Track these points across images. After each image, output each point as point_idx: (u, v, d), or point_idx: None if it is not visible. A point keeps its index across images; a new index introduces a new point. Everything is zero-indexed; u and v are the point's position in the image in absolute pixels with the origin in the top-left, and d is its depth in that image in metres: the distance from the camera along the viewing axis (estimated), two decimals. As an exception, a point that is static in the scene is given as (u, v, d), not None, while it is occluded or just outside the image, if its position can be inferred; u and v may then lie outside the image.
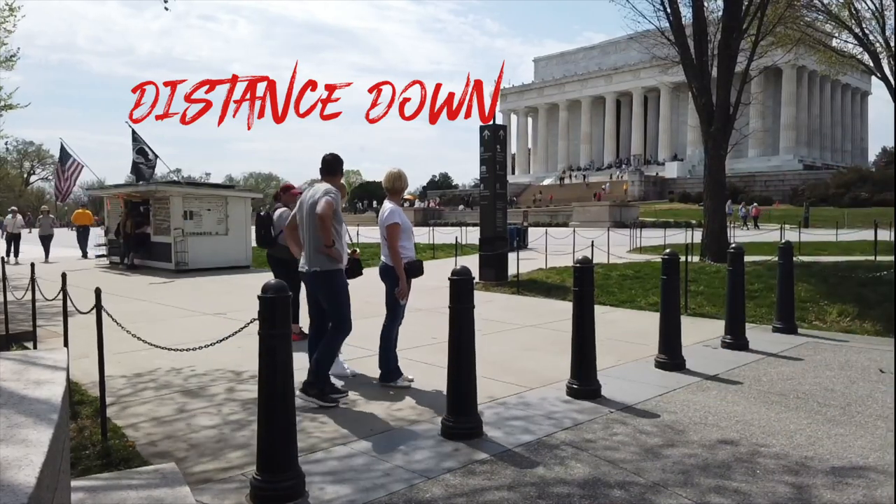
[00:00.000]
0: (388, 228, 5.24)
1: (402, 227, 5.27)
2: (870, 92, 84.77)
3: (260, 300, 3.30)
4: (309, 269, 4.93)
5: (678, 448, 4.01)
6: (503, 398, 5.05)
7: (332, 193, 4.83)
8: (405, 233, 5.33)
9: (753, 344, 6.78)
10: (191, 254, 16.06)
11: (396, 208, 5.37)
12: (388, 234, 5.24)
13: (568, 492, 3.39)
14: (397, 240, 5.22)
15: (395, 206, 5.39)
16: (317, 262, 4.87)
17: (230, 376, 5.76)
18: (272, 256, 7.55)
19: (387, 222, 5.26)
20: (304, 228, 5.00)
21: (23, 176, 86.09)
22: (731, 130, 13.76)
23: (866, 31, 19.23)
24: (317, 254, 4.86)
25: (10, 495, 1.31)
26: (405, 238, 5.33)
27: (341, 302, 4.95)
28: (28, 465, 1.48)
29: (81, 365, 5.68)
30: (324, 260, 4.84)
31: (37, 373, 2.33)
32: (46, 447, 1.59)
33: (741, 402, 4.92)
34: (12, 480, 1.39)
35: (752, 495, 3.34)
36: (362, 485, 3.49)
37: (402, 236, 5.28)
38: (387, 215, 5.30)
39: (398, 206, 5.43)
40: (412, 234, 5.55)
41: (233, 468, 3.72)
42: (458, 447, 4.03)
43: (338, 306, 4.95)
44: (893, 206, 28.27)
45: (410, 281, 5.36)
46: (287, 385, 3.31)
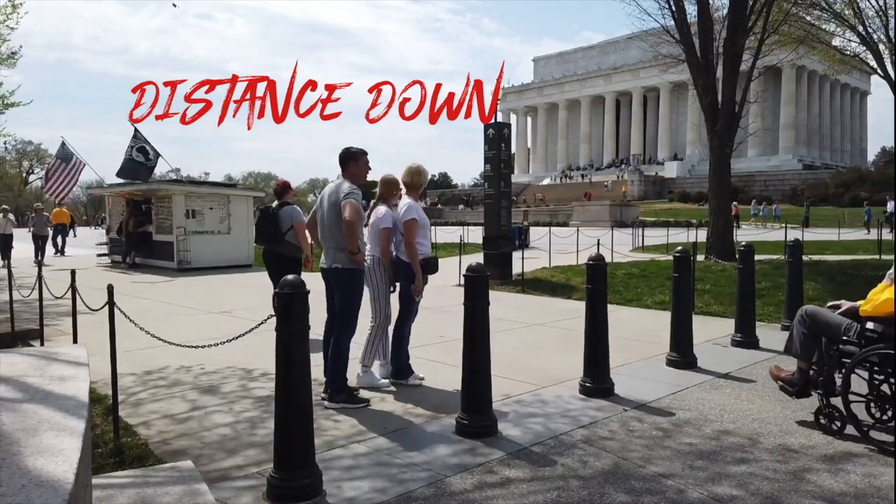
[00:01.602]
0: (407, 224, 5.20)
1: (419, 222, 5.24)
2: (869, 92, 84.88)
3: (277, 297, 3.27)
4: (330, 265, 4.89)
5: (697, 446, 3.98)
6: (516, 396, 5.02)
7: (354, 194, 4.77)
8: (422, 229, 5.30)
9: (763, 342, 6.75)
10: (193, 252, 16.02)
11: (414, 204, 5.34)
12: (406, 230, 5.20)
13: (588, 489, 3.36)
14: (415, 236, 5.19)
15: (413, 201, 5.36)
16: (338, 260, 4.84)
17: (241, 374, 5.72)
18: (271, 252, 7.44)
19: (405, 217, 5.22)
20: (323, 225, 4.95)
21: (22, 175, 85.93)
22: (737, 128, 13.74)
23: (870, 29, 19.21)
24: (338, 252, 4.83)
25: (52, 492, 1.28)
26: (422, 234, 5.30)
27: (354, 303, 4.92)
28: (64, 461, 1.45)
29: (91, 363, 5.62)
30: (345, 258, 4.80)
31: (59, 369, 2.30)
32: (80, 443, 1.56)
33: (756, 400, 4.89)
34: (51, 476, 1.35)
35: (773, 491, 3.31)
36: (379, 483, 3.46)
37: (420, 232, 5.25)
38: (405, 210, 5.26)
39: (416, 202, 5.40)
40: (429, 230, 5.54)
41: (248, 466, 3.69)
42: (474, 445, 3.99)
43: (349, 306, 4.91)
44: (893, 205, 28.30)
45: (426, 277, 5.33)
46: (304, 382, 3.27)
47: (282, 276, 8.20)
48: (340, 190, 4.84)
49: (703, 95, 13.57)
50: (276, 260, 7.40)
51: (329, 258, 4.92)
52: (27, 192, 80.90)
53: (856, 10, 18.82)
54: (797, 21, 17.79)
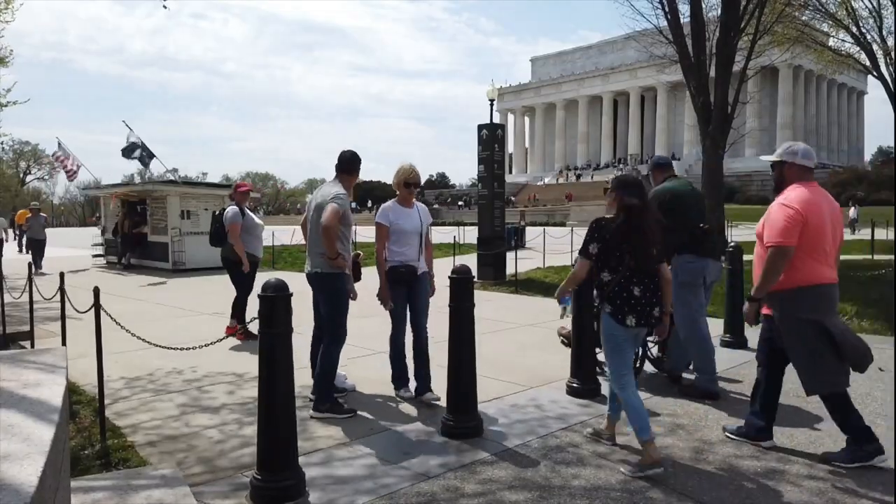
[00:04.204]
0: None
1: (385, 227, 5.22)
2: (866, 91, 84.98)
3: (260, 299, 3.29)
4: (311, 269, 4.79)
5: (679, 447, 4.01)
6: (503, 397, 5.04)
7: (340, 198, 4.63)
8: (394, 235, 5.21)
9: (753, 342, 6.75)
10: (188, 253, 16.02)
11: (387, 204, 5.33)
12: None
13: (570, 491, 3.38)
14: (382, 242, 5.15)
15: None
16: (318, 265, 4.72)
17: (230, 377, 5.73)
18: (223, 256, 7.49)
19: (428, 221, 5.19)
20: (310, 228, 4.86)
21: (19, 176, 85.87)
22: (729, 129, 13.77)
23: (863, 29, 19.27)
24: (318, 257, 4.73)
25: (13, 495, 1.30)
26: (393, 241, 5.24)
27: (339, 308, 4.75)
28: (30, 464, 1.46)
29: (79, 365, 5.66)
30: (325, 263, 4.66)
31: (35, 372, 2.32)
32: (48, 447, 1.58)
33: (741, 401, 4.91)
34: (14, 480, 1.37)
35: (753, 494, 3.33)
36: (363, 485, 3.48)
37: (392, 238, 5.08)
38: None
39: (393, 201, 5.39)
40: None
41: (233, 469, 3.70)
42: (459, 446, 4.02)
43: (334, 312, 4.74)
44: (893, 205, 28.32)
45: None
46: (287, 384, 3.29)
47: (232, 275, 8.19)
48: (329, 193, 4.72)
49: (696, 96, 13.60)
50: (223, 261, 7.54)
51: (311, 263, 4.82)
52: (24, 192, 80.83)
53: (849, 10, 18.88)
54: (791, 21, 17.82)
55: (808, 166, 3.83)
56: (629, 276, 3.70)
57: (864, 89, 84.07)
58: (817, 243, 3.69)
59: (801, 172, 3.82)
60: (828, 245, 3.74)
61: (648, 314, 3.72)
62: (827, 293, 3.75)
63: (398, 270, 4.88)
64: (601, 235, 3.77)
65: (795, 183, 3.80)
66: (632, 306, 3.69)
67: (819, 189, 3.83)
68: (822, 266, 3.72)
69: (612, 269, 3.74)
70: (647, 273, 3.73)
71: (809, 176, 3.82)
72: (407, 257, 4.93)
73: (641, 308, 3.69)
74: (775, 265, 3.68)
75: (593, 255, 3.79)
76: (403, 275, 4.89)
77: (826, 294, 3.75)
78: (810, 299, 3.70)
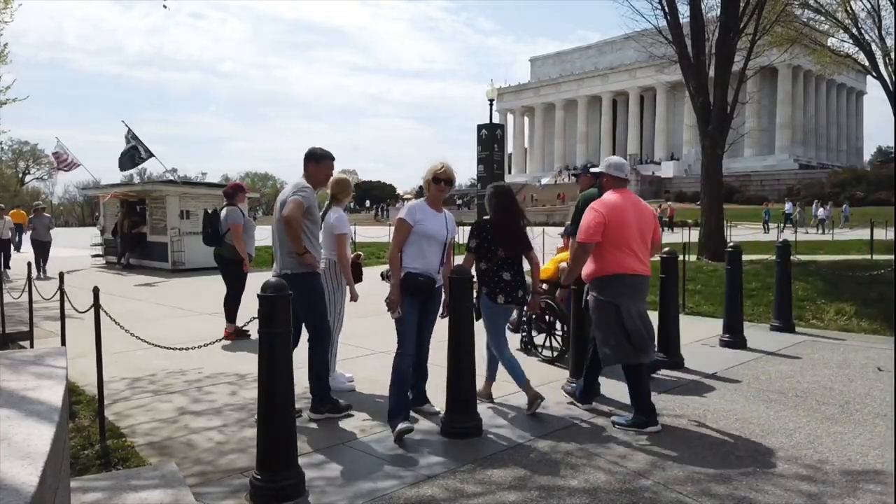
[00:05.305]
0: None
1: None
2: (865, 92, 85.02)
3: (259, 299, 3.29)
4: (280, 272, 4.47)
5: (678, 447, 4.01)
6: (502, 397, 5.04)
7: (304, 191, 4.43)
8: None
9: (751, 342, 6.79)
10: (187, 253, 16.02)
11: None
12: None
13: (570, 490, 3.39)
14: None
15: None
16: (287, 265, 4.47)
17: (231, 376, 5.74)
18: (218, 255, 7.54)
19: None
20: (274, 227, 4.60)
21: (18, 176, 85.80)
22: (728, 129, 13.79)
23: (862, 30, 19.29)
24: (286, 256, 4.49)
25: (13, 495, 1.30)
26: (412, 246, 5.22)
27: (315, 308, 4.55)
28: (30, 464, 1.47)
29: (79, 365, 5.65)
30: (293, 262, 4.44)
31: (35, 373, 2.32)
32: (48, 447, 1.58)
33: (740, 401, 4.92)
34: (15, 480, 1.37)
35: (750, 494, 3.34)
36: (363, 485, 3.48)
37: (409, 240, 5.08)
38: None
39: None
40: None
41: (233, 469, 3.71)
42: (459, 446, 4.02)
43: (311, 313, 4.54)
44: (893, 205, 28.36)
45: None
46: (287, 383, 3.29)
47: (226, 276, 8.23)
48: (293, 188, 4.53)
49: (696, 96, 13.61)
50: (218, 260, 7.58)
51: (278, 264, 4.57)
52: (23, 192, 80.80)
53: (848, 10, 18.89)
54: (790, 21, 17.84)
55: (620, 176, 4.52)
56: (500, 264, 4.58)
57: (863, 89, 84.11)
58: (621, 240, 4.33)
59: (614, 182, 4.53)
60: (634, 242, 4.37)
61: (515, 294, 4.60)
62: (629, 282, 4.36)
63: (417, 279, 4.28)
64: (479, 233, 4.61)
65: (611, 190, 4.52)
66: (502, 288, 4.58)
67: (630, 195, 4.51)
68: (628, 258, 4.35)
69: (488, 259, 4.58)
70: (514, 261, 4.63)
71: (622, 184, 4.52)
72: (428, 266, 4.36)
73: (511, 290, 4.58)
74: (578, 258, 4.48)
75: (472, 248, 4.60)
76: (422, 285, 4.30)
77: (628, 282, 4.36)
78: (614, 286, 4.36)
